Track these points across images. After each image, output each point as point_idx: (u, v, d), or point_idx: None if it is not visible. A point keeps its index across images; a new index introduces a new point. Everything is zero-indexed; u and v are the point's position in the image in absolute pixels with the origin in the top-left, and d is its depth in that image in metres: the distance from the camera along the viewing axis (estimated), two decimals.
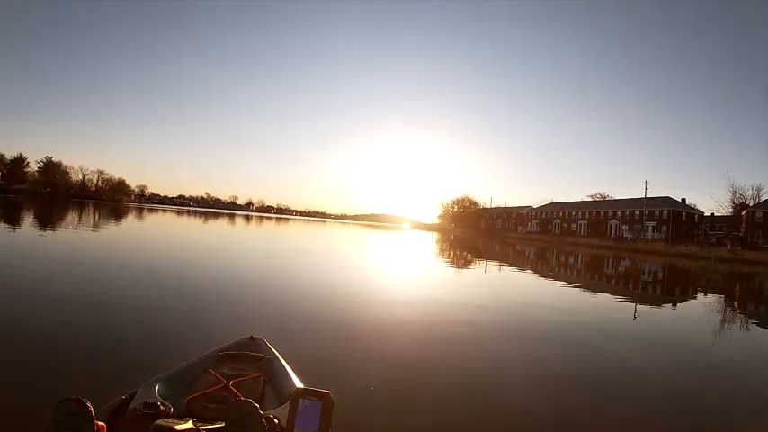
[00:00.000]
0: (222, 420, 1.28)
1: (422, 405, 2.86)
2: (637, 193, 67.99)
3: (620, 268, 20.31)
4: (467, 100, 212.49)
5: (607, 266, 21.00)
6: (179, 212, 55.14)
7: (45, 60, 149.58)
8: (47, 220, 19.39)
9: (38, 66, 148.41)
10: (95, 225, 19.03)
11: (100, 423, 1.18)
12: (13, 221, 16.56)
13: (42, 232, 13.54)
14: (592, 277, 14.95)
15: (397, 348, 4.13)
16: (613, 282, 13.90)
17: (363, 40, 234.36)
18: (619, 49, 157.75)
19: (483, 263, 17.16)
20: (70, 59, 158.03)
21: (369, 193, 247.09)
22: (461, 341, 4.65)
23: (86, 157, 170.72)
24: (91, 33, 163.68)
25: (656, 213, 52.80)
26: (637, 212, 55.02)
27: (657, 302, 9.85)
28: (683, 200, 55.57)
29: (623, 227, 55.68)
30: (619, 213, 57.86)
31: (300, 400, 1.27)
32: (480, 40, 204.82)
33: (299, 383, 1.86)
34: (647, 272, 19.54)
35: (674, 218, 51.65)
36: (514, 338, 5.04)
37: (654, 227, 52.05)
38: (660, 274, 18.85)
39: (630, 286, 12.97)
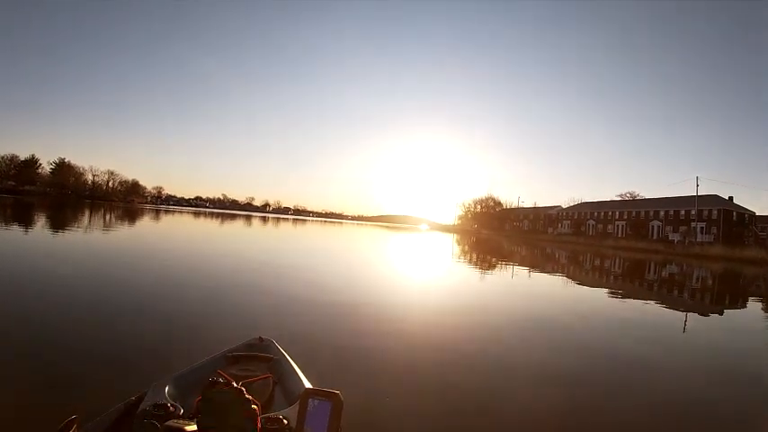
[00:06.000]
0: None
1: (436, 412, 2.66)
2: (666, 192, 63.29)
3: (690, 278, 16.96)
4: (487, 100, 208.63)
5: (667, 274, 17.62)
6: (195, 214, 54.02)
7: (61, 62, 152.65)
8: (52, 222, 18.12)
9: (54, 67, 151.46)
10: (90, 228, 17.12)
11: None
12: (24, 224, 15.30)
13: (51, 233, 13.07)
14: (676, 295, 11.77)
15: (413, 353, 3.86)
16: (698, 298, 10.72)
17: (384, 40, 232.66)
18: (644, 47, 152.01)
19: (528, 270, 14.14)
20: (88, 61, 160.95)
21: (386, 195, 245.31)
22: (486, 350, 4.21)
23: (102, 159, 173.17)
24: (112, 33, 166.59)
25: (705, 213, 48.48)
26: (683, 212, 50.72)
27: None
28: (731, 198, 51.08)
29: (667, 228, 51.41)
30: (661, 213, 53.55)
31: (310, 400, 1.27)
32: (504, 39, 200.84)
33: (307, 384, 1.83)
34: (724, 283, 16.19)
35: (725, 218, 47.32)
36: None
37: (702, 228, 47.72)
38: (746, 287, 15.51)
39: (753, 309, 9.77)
